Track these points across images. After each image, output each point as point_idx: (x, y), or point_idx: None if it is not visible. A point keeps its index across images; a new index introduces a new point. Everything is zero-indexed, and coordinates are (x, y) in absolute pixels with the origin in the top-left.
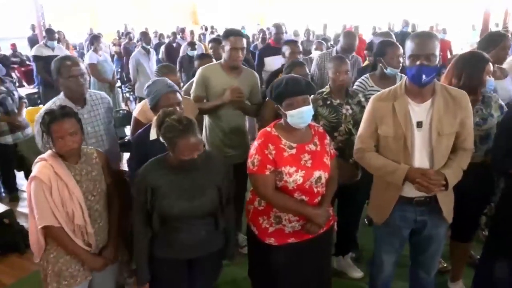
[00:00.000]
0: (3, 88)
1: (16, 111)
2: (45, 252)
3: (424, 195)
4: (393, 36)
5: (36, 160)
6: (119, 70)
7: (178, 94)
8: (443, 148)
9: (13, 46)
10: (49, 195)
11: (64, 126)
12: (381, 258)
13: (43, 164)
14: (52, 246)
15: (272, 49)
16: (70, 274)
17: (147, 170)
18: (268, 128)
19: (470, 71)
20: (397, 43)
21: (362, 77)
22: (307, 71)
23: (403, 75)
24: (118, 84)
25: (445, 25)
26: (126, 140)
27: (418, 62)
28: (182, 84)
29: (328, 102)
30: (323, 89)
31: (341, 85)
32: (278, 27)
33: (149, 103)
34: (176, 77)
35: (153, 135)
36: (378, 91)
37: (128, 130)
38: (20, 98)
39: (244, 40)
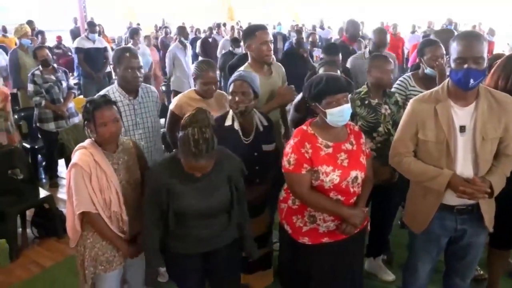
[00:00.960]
0: (52, 77)
1: (62, 100)
2: (82, 237)
3: (466, 203)
4: (455, 34)
5: (76, 148)
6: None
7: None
8: (487, 153)
9: (59, 38)
10: (88, 182)
11: (106, 113)
12: (416, 266)
13: (83, 152)
14: (89, 232)
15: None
16: (106, 259)
17: (161, 169)
18: (304, 127)
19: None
20: (439, 43)
21: (403, 76)
22: (339, 71)
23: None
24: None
25: (489, 25)
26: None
27: (465, 66)
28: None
29: (366, 102)
30: (360, 89)
31: (385, 85)
32: (354, 23)
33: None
34: (214, 74)
35: (228, 121)
36: (419, 91)
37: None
38: (70, 88)
39: (270, 34)
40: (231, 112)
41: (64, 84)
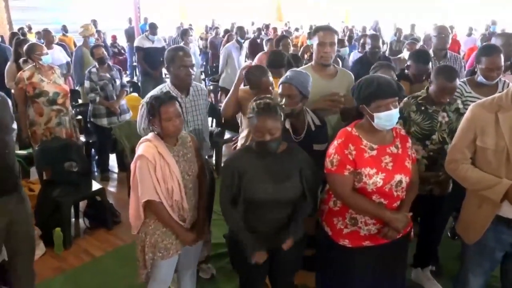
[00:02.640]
0: (107, 75)
1: (115, 97)
2: (145, 224)
3: None
4: None
5: (140, 141)
6: (204, 63)
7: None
8: None
9: (114, 38)
10: (153, 172)
11: (171, 109)
12: (467, 278)
13: (148, 144)
14: (151, 220)
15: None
16: (165, 246)
17: (236, 156)
18: (348, 128)
19: None
20: (499, 52)
21: (459, 82)
22: (394, 75)
23: (506, 80)
24: (202, 76)
25: None
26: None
27: None
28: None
29: (423, 108)
30: (419, 93)
31: (447, 97)
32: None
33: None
34: (268, 78)
35: None
36: (475, 97)
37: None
38: (123, 86)
39: (335, 35)
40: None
41: (118, 82)
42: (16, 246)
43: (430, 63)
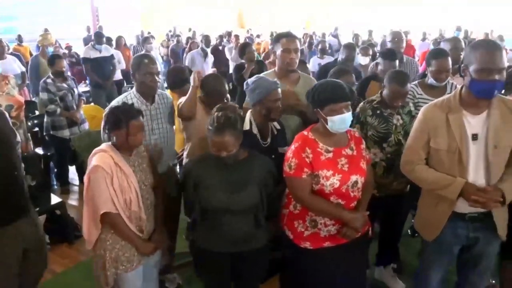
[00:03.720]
0: (64, 85)
1: (75, 107)
2: (101, 240)
3: (478, 211)
4: (462, 43)
5: (94, 151)
6: (166, 71)
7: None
8: (499, 161)
9: (68, 47)
10: (110, 183)
11: (138, 123)
12: (428, 274)
13: (104, 155)
14: (107, 234)
15: None
16: (127, 258)
17: (192, 164)
18: (305, 132)
19: None
20: (446, 56)
21: (411, 85)
22: (354, 79)
23: (454, 82)
24: (165, 84)
25: (500, 32)
26: None
27: (492, 77)
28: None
29: (378, 111)
30: (373, 97)
31: (400, 101)
32: (398, 34)
33: (254, 98)
34: (224, 87)
35: (246, 125)
36: (427, 99)
37: None
38: (79, 95)
39: (298, 42)
40: (248, 116)
41: (76, 91)
42: (25, 270)
43: (397, 61)
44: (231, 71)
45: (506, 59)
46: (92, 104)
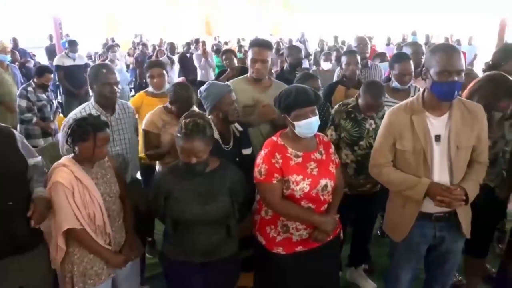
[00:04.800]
0: (44, 96)
1: (52, 118)
2: (68, 254)
3: (444, 211)
4: (423, 47)
5: (53, 166)
6: (134, 79)
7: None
8: (461, 161)
9: (30, 54)
10: (71, 198)
11: (105, 136)
12: (398, 274)
13: (63, 170)
14: (75, 248)
15: None
16: (95, 272)
17: (162, 175)
18: (274, 138)
19: (491, 97)
20: (408, 59)
21: None
22: (319, 84)
23: (417, 85)
24: (132, 93)
25: (458, 36)
26: None
27: (452, 79)
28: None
29: (352, 115)
30: (349, 101)
31: (374, 111)
32: (362, 39)
33: (208, 104)
34: (191, 94)
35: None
36: (392, 102)
37: None
38: (56, 107)
39: (269, 52)
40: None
41: (55, 103)
42: None
43: (360, 63)
44: (199, 78)
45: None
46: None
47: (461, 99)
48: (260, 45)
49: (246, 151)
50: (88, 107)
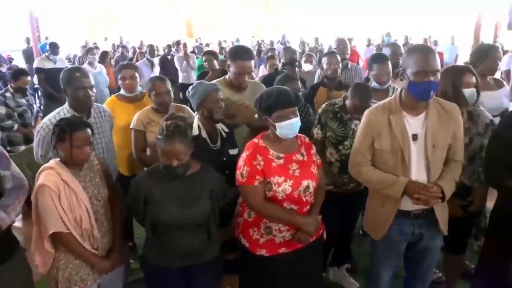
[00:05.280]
0: (24, 101)
1: (33, 124)
2: (54, 259)
3: (422, 208)
4: (401, 48)
5: (41, 169)
6: None
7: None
8: (438, 160)
9: (8, 57)
10: (57, 201)
11: (83, 136)
12: (378, 273)
13: (50, 172)
14: (61, 253)
15: None
16: (80, 278)
17: (140, 180)
18: (255, 140)
19: (447, 83)
20: (386, 60)
21: None
22: (299, 85)
23: (396, 86)
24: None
25: (436, 37)
26: None
27: (427, 79)
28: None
29: (339, 115)
30: (336, 101)
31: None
32: (342, 41)
33: (195, 102)
34: (166, 85)
35: (195, 130)
36: (372, 102)
37: None
38: (37, 111)
39: (252, 62)
40: (196, 121)
41: (35, 107)
42: None
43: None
44: (181, 80)
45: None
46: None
47: (438, 99)
48: (246, 58)
49: (233, 151)
50: (63, 112)
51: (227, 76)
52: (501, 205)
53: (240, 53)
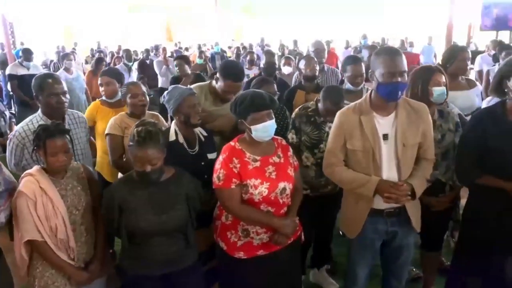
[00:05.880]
0: None
1: (8, 131)
2: (31, 267)
3: (394, 206)
4: None
5: (22, 175)
6: None
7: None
8: (408, 158)
9: None
10: (33, 209)
11: (58, 143)
12: (355, 271)
13: (29, 179)
14: (38, 261)
15: None
16: (56, 287)
17: (115, 187)
18: (232, 143)
19: (418, 83)
20: (360, 61)
21: None
22: (275, 88)
23: (369, 88)
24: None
25: (413, 39)
26: None
27: (395, 79)
28: None
29: (312, 119)
30: (308, 105)
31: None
32: (319, 44)
33: (171, 107)
34: (140, 89)
35: (172, 136)
36: (346, 103)
37: None
38: (10, 118)
39: (241, 83)
40: (172, 126)
41: (8, 115)
42: None
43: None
44: (160, 85)
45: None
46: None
47: (407, 99)
48: (237, 80)
49: (211, 156)
50: (35, 119)
51: (213, 83)
52: (473, 203)
53: (232, 74)
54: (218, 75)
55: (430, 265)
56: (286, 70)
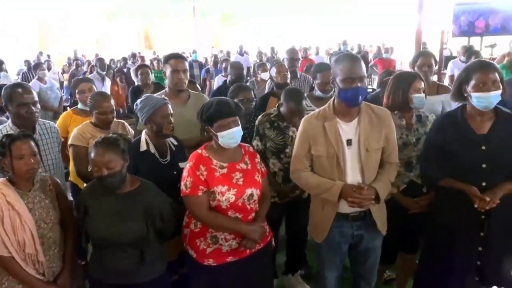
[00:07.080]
0: None
1: None
2: None
3: (359, 210)
4: None
5: None
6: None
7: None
8: (372, 163)
9: None
10: (0, 223)
11: (24, 146)
12: (324, 275)
13: None
14: (4, 276)
15: None
16: None
17: (85, 189)
18: (199, 150)
19: (399, 90)
20: (329, 68)
21: None
22: (253, 95)
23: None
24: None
25: (391, 45)
26: None
27: (355, 85)
28: None
29: (276, 124)
30: (271, 111)
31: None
32: (293, 52)
33: (143, 116)
34: (109, 103)
35: (143, 146)
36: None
37: None
38: None
39: (186, 63)
40: (143, 137)
41: None
42: None
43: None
44: None
45: (365, 69)
46: None
47: (369, 104)
48: (177, 57)
49: (183, 165)
50: (5, 129)
51: (166, 89)
52: (437, 202)
53: (170, 55)
54: (164, 69)
55: (406, 267)
56: (264, 76)
